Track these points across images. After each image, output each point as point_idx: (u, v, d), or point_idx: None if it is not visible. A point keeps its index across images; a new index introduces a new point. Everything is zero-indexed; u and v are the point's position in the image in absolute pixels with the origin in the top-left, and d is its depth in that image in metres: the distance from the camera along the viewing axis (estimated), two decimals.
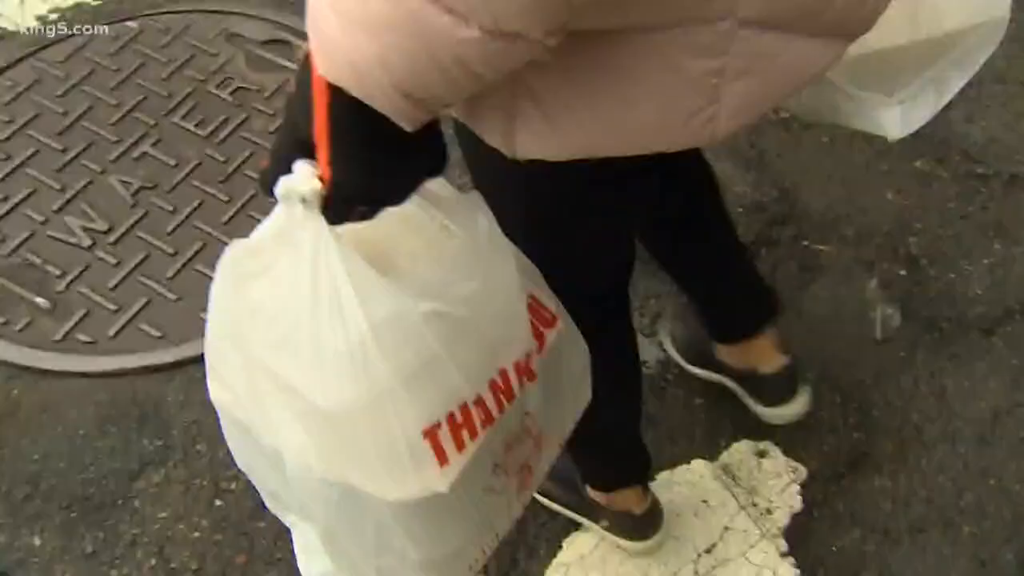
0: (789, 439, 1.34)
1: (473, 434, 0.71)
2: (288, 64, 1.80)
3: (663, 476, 1.31)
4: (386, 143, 0.58)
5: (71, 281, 1.51)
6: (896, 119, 0.98)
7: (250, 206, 1.59)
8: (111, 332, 1.45)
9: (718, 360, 1.33)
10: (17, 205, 1.60)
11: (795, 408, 1.29)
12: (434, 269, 0.69)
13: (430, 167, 0.64)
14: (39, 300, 1.49)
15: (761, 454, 1.33)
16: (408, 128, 0.56)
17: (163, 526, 1.26)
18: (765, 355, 1.28)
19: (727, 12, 0.58)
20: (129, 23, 1.87)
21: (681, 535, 1.25)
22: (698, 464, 1.33)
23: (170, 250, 1.55)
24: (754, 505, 1.28)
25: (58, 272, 1.52)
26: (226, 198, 1.61)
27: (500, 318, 0.72)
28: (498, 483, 0.78)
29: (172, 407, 1.37)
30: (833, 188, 1.62)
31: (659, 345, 1.42)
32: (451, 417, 0.69)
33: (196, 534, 1.25)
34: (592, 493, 1.21)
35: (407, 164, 0.62)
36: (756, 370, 1.29)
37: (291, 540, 0.87)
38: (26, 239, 1.56)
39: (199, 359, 1.39)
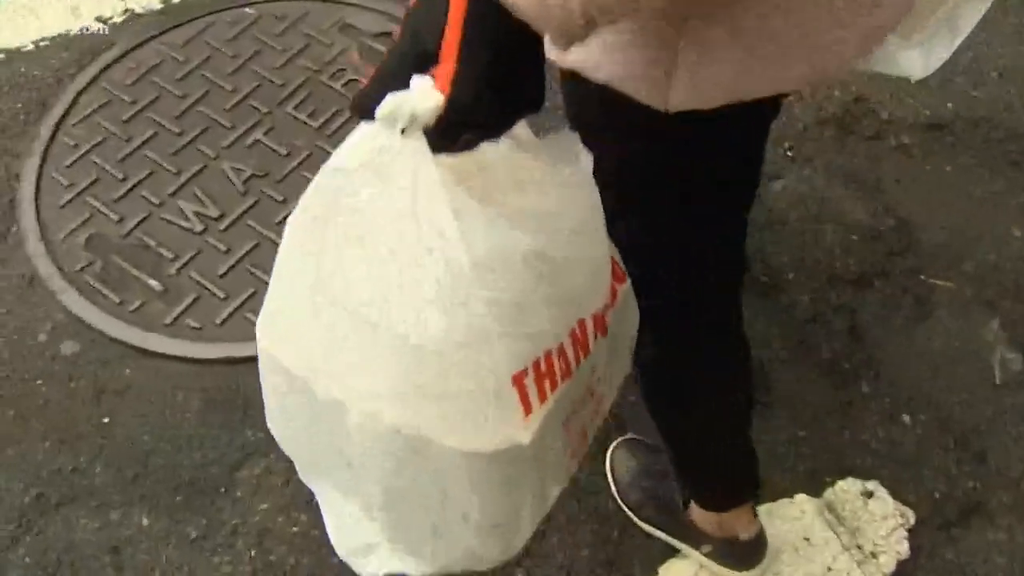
0: (897, 480, 1.29)
1: (554, 385, 0.67)
2: None
3: (763, 508, 1.27)
4: (514, 65, 0.56)
5: (183, 265, 1.54)
6: (916, 60, 1.02)
7: None
8: (218, 320, 1.47)
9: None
10: (135, 186, 1.63)
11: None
12: (534, 207, 0.65)
13: (536, 101, 0.61)
14: (152, 282, 1.51)
15: (868, 494, 1.29)
16: (562, 45, 0.54)
17: (263, 518, 1.27)
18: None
19: None
20: (247, 9, 1.89)
21: (781, 572, 1.22)
22: (801, 499, 1.29)
23: (279, 240, 1.56)
24: (858, 547, 1.24)
25: (171, 255, 1.54)
26: None
27: (589, 265, 0.70)
28: (561, 445, 0.74)
29: None
30: (954, 220, 1.56)
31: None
32: (537, 364, 0.65)
33: (294, 528, 1.27)
34: (697, 516, 1.16)
35: (522, 91, 0.60)
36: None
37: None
38: (142, 220, 1.59)
39: None
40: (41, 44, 1.82)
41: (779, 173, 1.62)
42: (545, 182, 0.66)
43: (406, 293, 0.61)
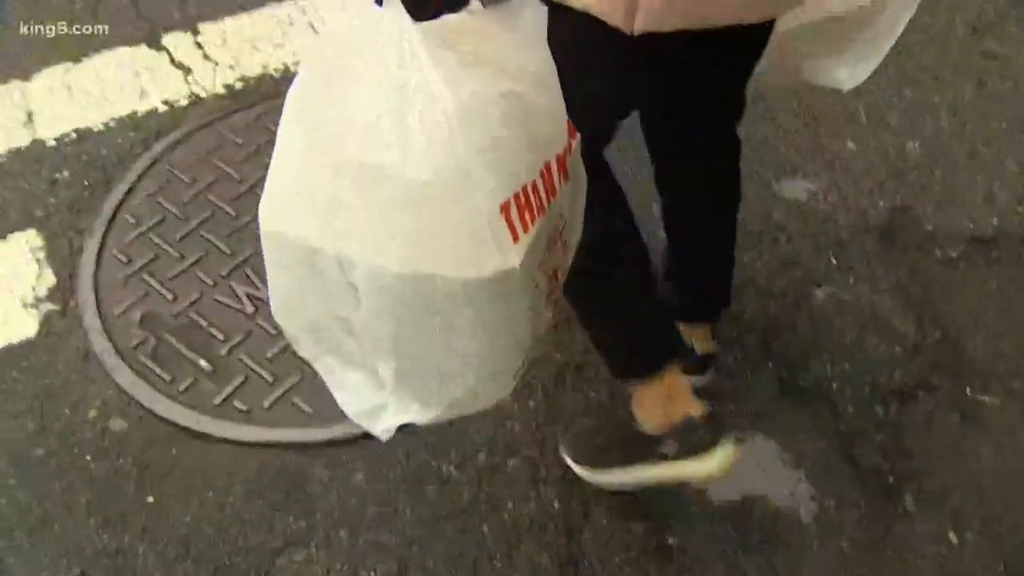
0: None
1: (533, 216, 0.77)
2: None
3: None
4: None
5: (233, 347, 1.56)
6: (846, 74, 1.26)
7: None
8: (266, 403, 1.49)
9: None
10: (190, 266, 1.67)
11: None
12: (502, 58, 0.76)
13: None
14: (202, 362, 1.54)
15: None
16: None
17: None
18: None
19: None
20: None
21: None
22: None
23: None
24: None
25: (221, 336, 1.57)
26: None
27: (551, 108, 0.81)
28: (540, 279, 0.83)
29: (317, 487, 1.39)
30: (1001, 335, 1.56)
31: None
32: (517, 197, 0.75)
33: None
34: (644, 414, 1.19)
35: None
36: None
37: None
38: (195, 300, 1.62)
39: (348, 441, 1.42)
40: (110, 124, 1.89)
41: (822, 280, 1.63)
42: (506, 39, 0.78)
43: (401, 139, 0.71)
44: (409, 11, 0.72)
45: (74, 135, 1.87)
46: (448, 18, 0.75)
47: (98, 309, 1.61)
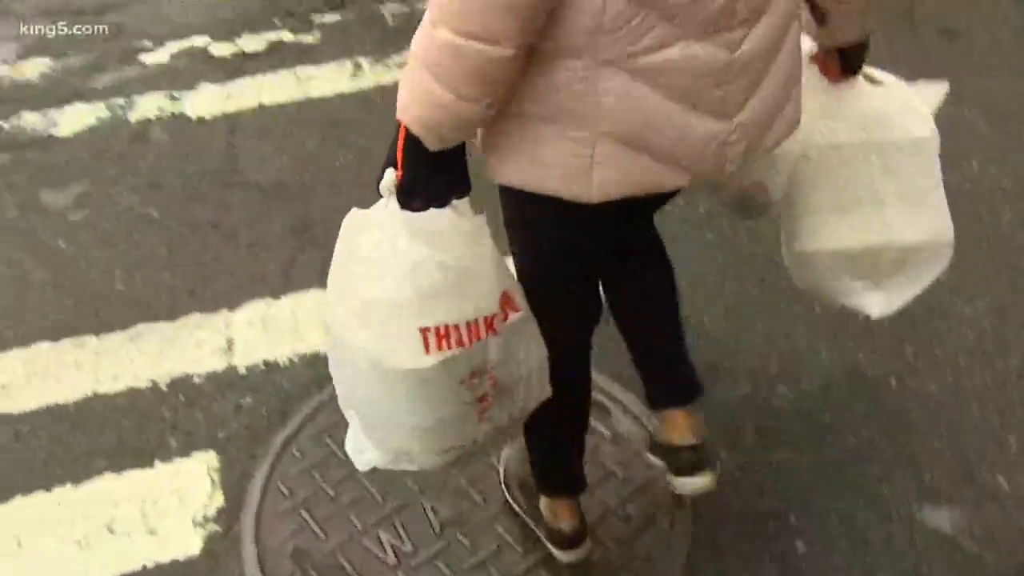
0: None
1: (449, 345, 1.16)
2: None
3: None
4: (430, 166, 1.10)
5: None
6: (878, 302, 1.44)
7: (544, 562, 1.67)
8: None
9: (655, 443, 1.69)
10: (344, 508, 1.78)
11: (701, 481, 1.59)
12: (451, 244, 1.15)
13: (459, 190, 1.16)
14: None
15: None
16: (431, 148, 1.08)
17: None
18: (679, 431, 1.59)
19: None
20: None
21: None
22: None
23: None
24: None
25: None
26: (520, 550, 1.70)
27: (479, 287, 1.19)
28: (465, 395, 1.21)
29: None
30: None
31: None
32: (438, 329, 1.15)
33: None
34: (542, 503, 1.64)
35: (442, 183, 1.14)
36: (671, 442, 1.60)
37: None
38: (344, 542, 1.72)
39: None
40: (295, 360, 2.09)
41: None
42: (458, 229, 1.17)
43: (379, 280, 1.14)
44: (400, 204, 1.13)
45: (263, 366, 2.08)
46: (431, 213, 1.15)
47: (256, 537, 1.72)
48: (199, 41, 3.31)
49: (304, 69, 3.10)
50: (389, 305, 1.14)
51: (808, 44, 1.36)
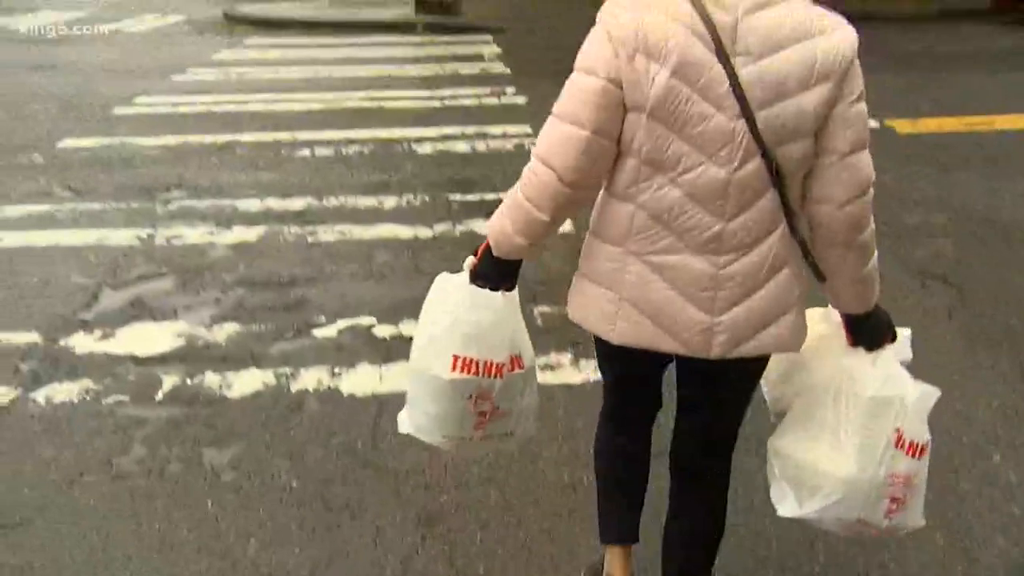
0: None
1: (467, 371, 1.75)
2: None
3: None
4: (492, 267, 1.73)
5: None
6: (788, 504, 1.81)
7: None
8: None
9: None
10: None
11: None
12: (488, 314, 1.74)
13: (505, 287, 1.76)
14: None
15: None
16: (510, 255, 1.72)
17: None
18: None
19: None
20: None
21: None
22: None
23: None
24: None
25: None
26: None
27: (497, 344, 1.76)
28: (469, 407, 1.80)
29: None
30: None
31: None
32: (464, 358, 1.74)
33: None
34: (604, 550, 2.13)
35: (496, 279, 1.74)
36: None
37: None
38: None
39: None
40: None
41: None
42: (495, 309, 1.75)
43: (441, 316, 1.76)
44: (470, 280, 1.75)
45: None
46: (489, 293, 1.75)
47: None
48: (365, 320, 3.64)
49: None
50: (441, 335, 1.75)
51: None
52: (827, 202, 1.55)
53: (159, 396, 3.15)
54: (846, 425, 1.73)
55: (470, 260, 1.76)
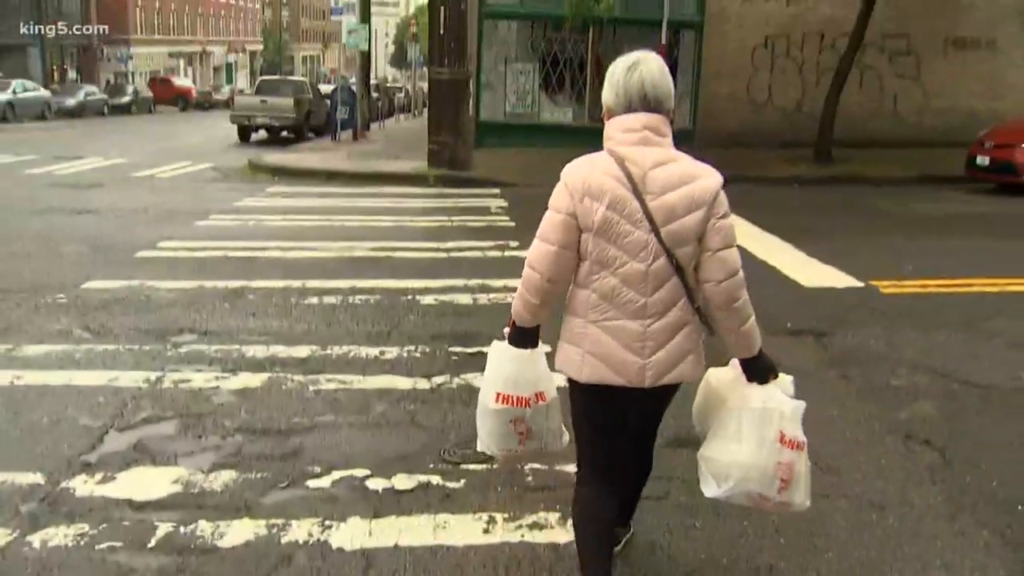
0: None
1: (506, 403, 2.53)
2: None
3: None
4: (521, 333, 2.54)
5: None
6: (709, 487, 2.57)
7: None
8: None
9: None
10: None
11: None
12: (520, 365, 2.56)
13: (530, 346, 2.54)
14: None
15: None
16: (520, 324, 2.53)
17: None
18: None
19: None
20: None
21: None
22: None
23: None
24: None
25: None
26: None
27: (526, 384, 2.53)
28: (511, 429, 2.57)
29: None
30: None
31: None
32: (504, 395, 2.53)
33: None
34: None
35: (523, 341, 2.53)
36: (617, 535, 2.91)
37: None
38: None
39: None
40: None
41: None
42: (524, 361, 2.56)
43: (492, 368, 2.60)
44: (508, 343, 2.56)
45: None
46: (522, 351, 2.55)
47: None
48: (359, 472, 3.65)
49: (442, 516, 3.31)
50: (489, 378, 2.58)
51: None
52: (709, 281, 2.37)
53: (152, 543, 3.12)
54: (746, 431, 2.49)
55: (506, 331, 2.57)
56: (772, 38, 17.40)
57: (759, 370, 2.51)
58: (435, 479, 3.60)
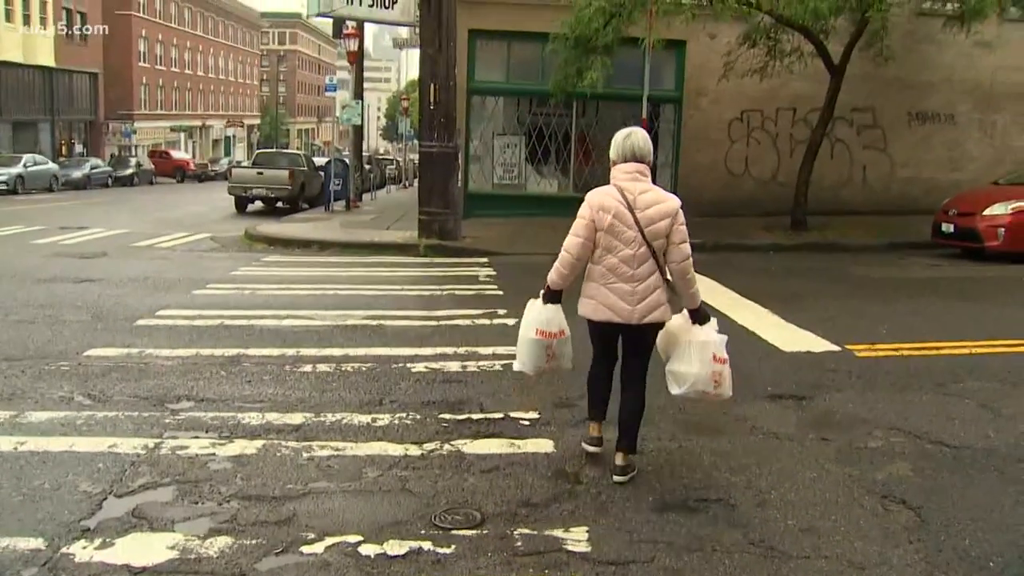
0: None
1: (543, 336, 4.28)
2: None
3: None
4: (551, 294, 4.29)
5: None
6: (674, 390, 4.35)
7: None
8: None
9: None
10: None
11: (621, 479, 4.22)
12: (549, 314, 4.30)
13: (556, 303, 4.29)
14: None
15: None
16: (557, 288, 4.27)
17: None
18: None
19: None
20: None
21: None
22: None
23: None
24: None
25: None
26: None
27: (554, 324, 4.29)
28: (543, 353, 4.32)
29: None
30: None
31: None
32: (541, 329, 4.27)
33: None
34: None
35: (552, 299, 4.28)
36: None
37: None
38: None
39: None
40: None
41: None
42: (552, 312, 4.32)
43: (530, 313, 4.38)
44: (543, 301, 4.30)
45: None
46: (549, 304, 4.32)
47: None
48: (352, 538, 3.63)
49: None
50: (531, 319, 4.28)
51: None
52: (672, 262, 4.07)
53: None
54: (693, 354, 4.18)
55: (542, 293, 4.25)
56: (747, 112, 17.79)
57: (700, 317, 4.23)
58: (426, 544, 3.59)
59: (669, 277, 4.11)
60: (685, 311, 4.22)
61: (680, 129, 17.70)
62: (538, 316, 4.23)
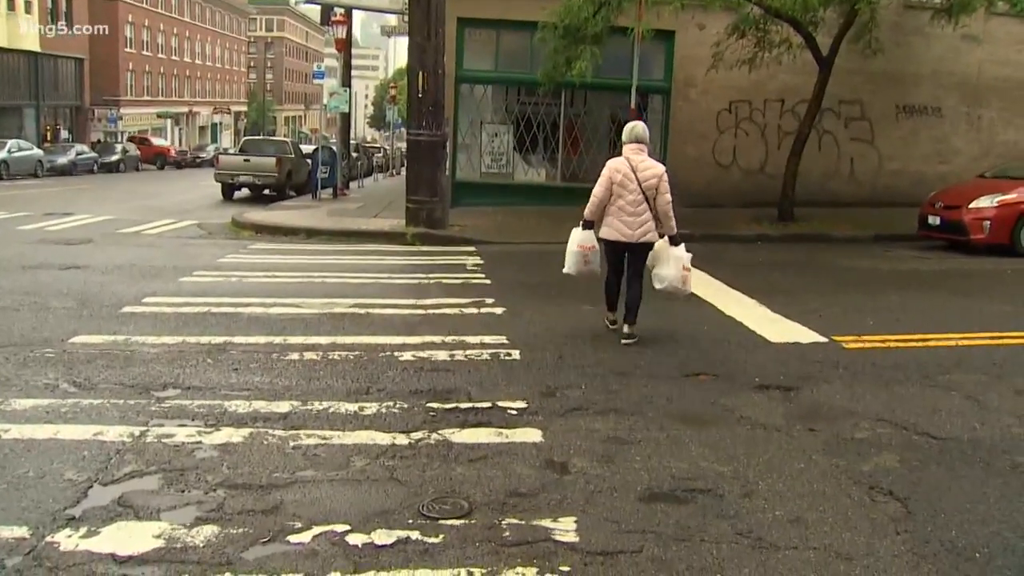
0: None
1: (583, 248, 6.93)
2: None
3: None
4: (587, 222, 6.96)
5: None
6: (657, 287, 6.95)
7: None
8: None
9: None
10: None
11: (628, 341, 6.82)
12: (585, 235, 6.99)
13: (590, 229, 6.96)
14: None
15: None
16: (590, 219, 6.96)
17: None
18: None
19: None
20: None
21: None
22: None
23: None
24: None
25: None
26: None
27: (588, 241, 6.95)
28: (583, 259, 6.98)
29: None
30: None
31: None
32: (583, 244, 6.93)
33: None
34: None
35: (589, 226, 6.94)
36: (622, 328, 6.93)
37: None
38: None
39: None
40: None
41: None
42: (588, 235, 7.01)
43: (574, 235, 7.05)
44: (582, 228, 6.98)
45: None
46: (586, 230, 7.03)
47: None
48: (339, 527, 3.60)
49: (421, 571, 3.28)
50: (575, 238, 6.95)
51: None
52: (658, 206, 6.71)
53: None
54: (671, 263, 6.78)
55: (582, 222, 6.89)
56: (736, 103, 17.82)
57: (675, 240, 6.75)
58: (414, 534, 3.57)
59: (656, 214, 6.70)
60: (666, 237, 6.76)
61: (668, 120, 17.69)
62: (579, 236, 6.83)
